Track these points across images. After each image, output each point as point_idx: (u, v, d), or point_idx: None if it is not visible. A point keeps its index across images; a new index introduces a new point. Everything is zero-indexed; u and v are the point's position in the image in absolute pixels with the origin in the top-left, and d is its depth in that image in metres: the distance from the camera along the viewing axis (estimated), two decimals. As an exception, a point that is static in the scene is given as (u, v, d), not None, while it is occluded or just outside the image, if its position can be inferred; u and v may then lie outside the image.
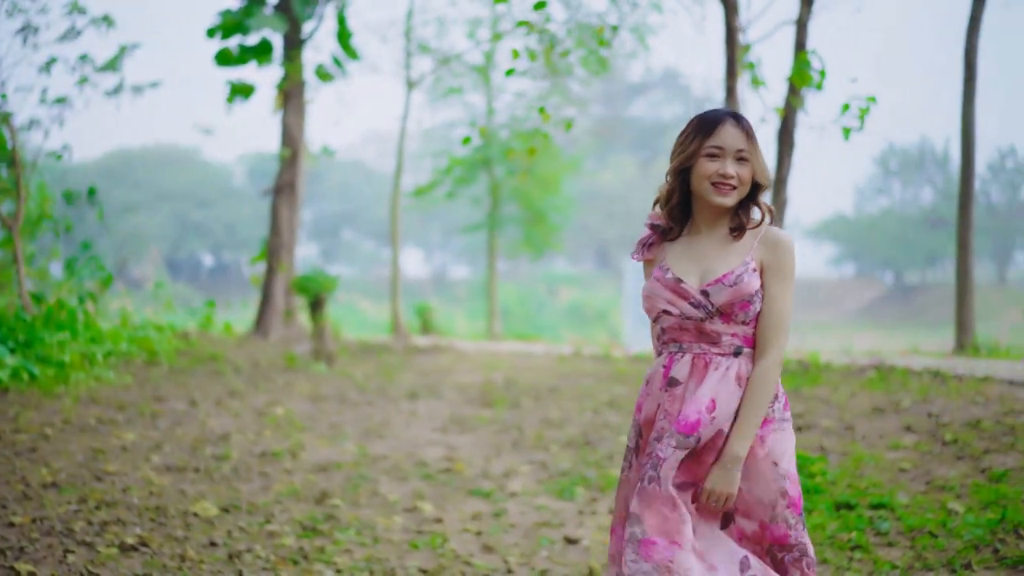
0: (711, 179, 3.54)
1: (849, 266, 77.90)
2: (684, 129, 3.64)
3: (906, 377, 12.54)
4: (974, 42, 18.40)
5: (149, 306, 15.76)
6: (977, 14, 18.10)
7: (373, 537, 6.46)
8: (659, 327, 3.63)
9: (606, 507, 7.44)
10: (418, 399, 11.25)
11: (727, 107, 13.52)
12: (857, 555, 6.20)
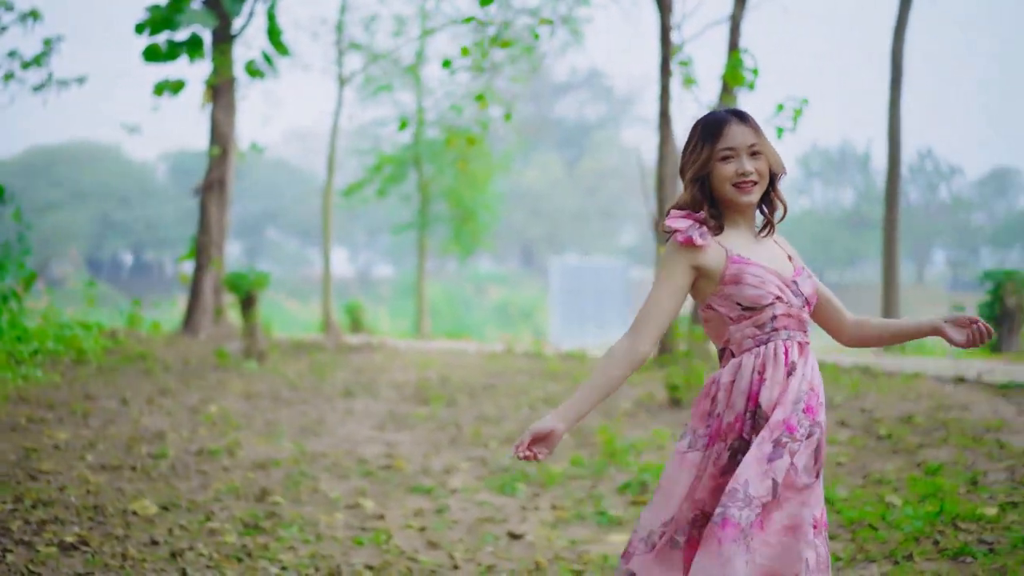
0: (732, 180, 3.53)
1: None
2: (690, 138, 3.60)
3: (836, 374, 12.67)
4: (900, 43, 18.70)
5: (71, 305, 15.50)
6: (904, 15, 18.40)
7: (316, 534, 6.41)
8: (767, 315, 3.54)
9: (548, 503, 7.44)
10: (353, 397, 11.19)
11: (660, 105, 13.64)
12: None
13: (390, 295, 50.71)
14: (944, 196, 73.65)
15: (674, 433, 9.57)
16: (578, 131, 73.16)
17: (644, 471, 8.10)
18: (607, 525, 6.94)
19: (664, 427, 9.82)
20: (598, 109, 75.82)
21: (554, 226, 66.93)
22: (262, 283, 13.15)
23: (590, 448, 9.02)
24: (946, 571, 5.55)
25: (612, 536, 6.67)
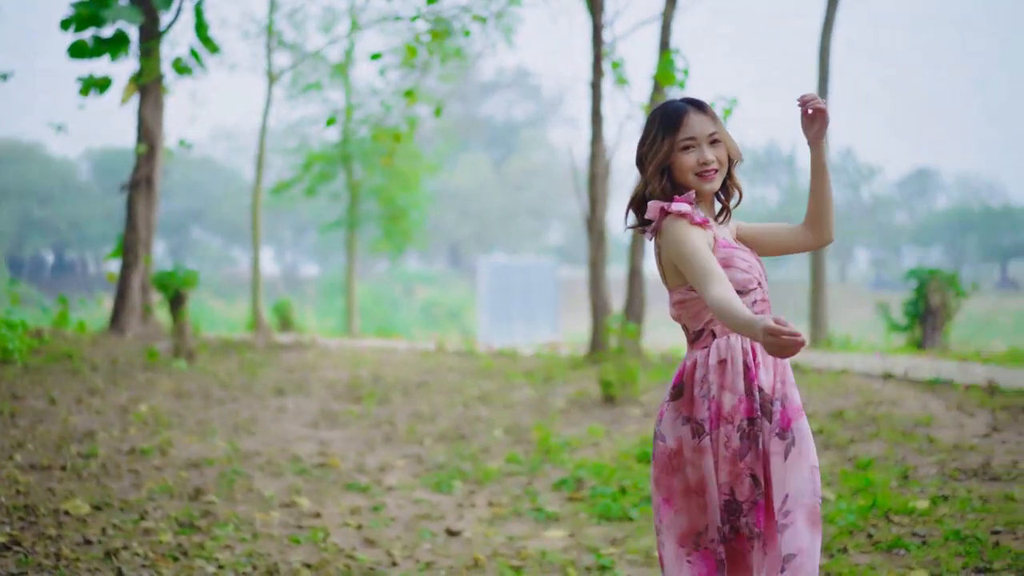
0: (695, 170, 3.56)
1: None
2: (647, 129, 3.62)
3: (766, 369, 12.83)
4: (827, 42, 18.92)
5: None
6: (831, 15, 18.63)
7: (252, 533, 6.36)
8: (750, 299, 3.54)
9: (485, 500, 7.44)
10: (285, 395, 11.11)
11: (592, 104, 13.69)
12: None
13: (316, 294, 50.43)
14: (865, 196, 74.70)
15: (609, 430, 9.62)
16: (506, 131, 73.27)
17: (579, 468, 8.13)
18: (544, 521, 6.95)
19: (598, 424, 9.85)
20: (526, 108, 75.94)
21: (482, 226, 66.97)
22: (191, 282, 13.02)
23: (525, 445, 9.03)
24: (880, 563, 5.63)
25: (549, 532, 6.69)
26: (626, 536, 6.57)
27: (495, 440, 9.23)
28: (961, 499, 6.87)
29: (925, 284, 16.97)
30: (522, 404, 10.92)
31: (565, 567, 5.96)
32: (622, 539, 6.51)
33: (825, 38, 18.86)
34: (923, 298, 16.93)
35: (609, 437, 9.32)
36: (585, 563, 6.04)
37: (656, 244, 3.62)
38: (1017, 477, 7.40)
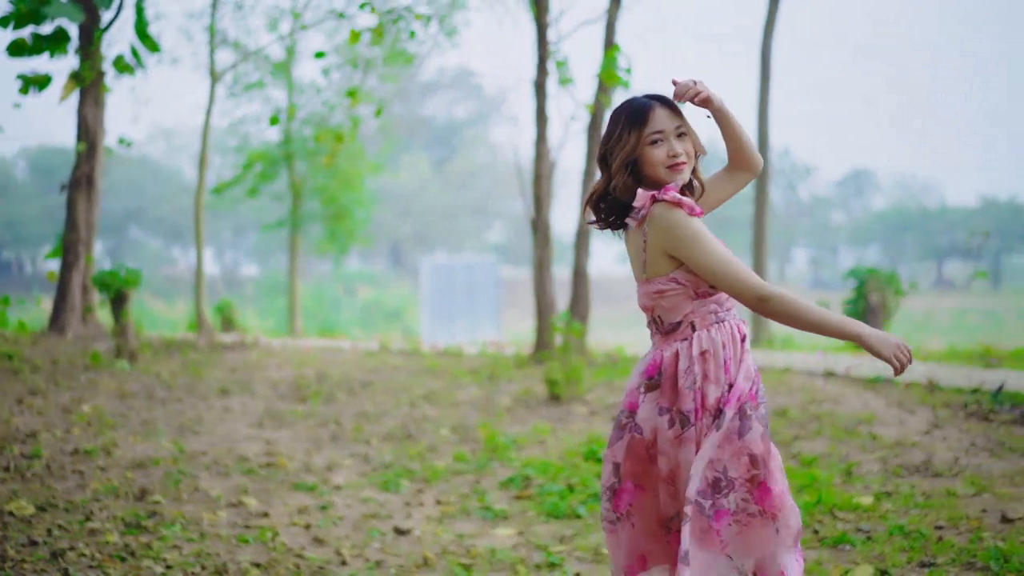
0: (666, 163, 3.60)
1: (638, 264, 79.60)
2: (612, 126, 3.63)
3: (710, 368, 12.93)
4: (769, 43, 19.08)
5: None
6: (772, 15, 18.77)
7: (200, 533, 6.32)
8: (725, 295, 3.61)
9: (433, 498, 7.44)
10: (230, 395, 11.04)
11: (537, 104, 13.72)
12: (684, 538, 6.35)
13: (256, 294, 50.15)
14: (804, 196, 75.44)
15: (555, 428, 9.65)
16: (447, 130, 73.21)
17: (527, 466, 8.16)
18: (492, 519, 6.96)
19: (544, 422, 9.89)
20: (467, 108, 75.93)
21: (423, 225, 66.88)
22: (134, 281, 12.91)
23: (472, 444, 9.05)
24: (826, 559, 5.70)
25: (498, 530, 6.70)
26: (575, 534, 6.60)
27: (442, 439, 9.24)
28: (904, 495, 6.97)
29: (865, 283, 17.19)
30: (468, 403, 10.94)
31: (515, 565, 5.97)
32: (571, 537, 6.54)
33: (767, 37, 19.02)
34: (863, 297, 17.15)
35: (555, 435, 9.36)
36: (535, 561, 6.06)
37: (641, 232, 3.60)
38: (959, 473, 7.52)
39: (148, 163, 66.19)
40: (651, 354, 3.67)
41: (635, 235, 3.63)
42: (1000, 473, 7.44)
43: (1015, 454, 8.01)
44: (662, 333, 3.65)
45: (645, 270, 3.62)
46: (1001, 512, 6.43)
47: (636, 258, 3.67)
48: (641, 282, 3.66)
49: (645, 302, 3.67)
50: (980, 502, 6.73)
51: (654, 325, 3.69)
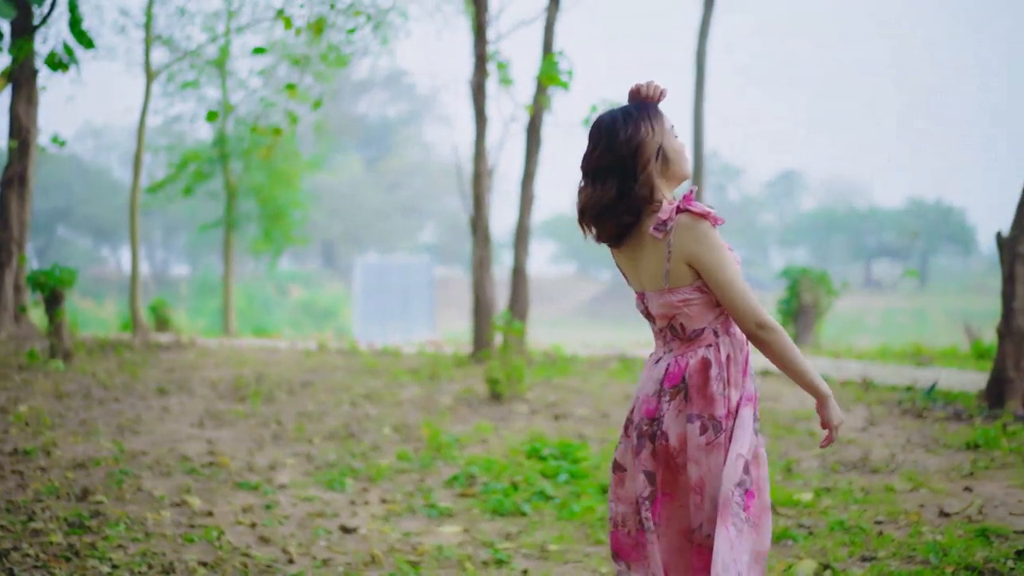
0: (683, 154, 3.67)
1: (570, 264, 79.95)
2: (629, 126, 3.57)
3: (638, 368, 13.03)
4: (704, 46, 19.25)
5: None
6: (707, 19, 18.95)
7: (144, 532, 6.28)
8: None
9: (378, 497, 7.45)
10: (168, 395, 10.96)
11: (476, 104, 13.74)
12: (629, 534, 6.41)
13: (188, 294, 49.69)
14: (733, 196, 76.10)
15: (497, 427, 9.69)
16: (380, 129, 72.97)
17: (470, 464, 8.19)
18: (438, 517, 6.99)
19: (486, 421, 9.93)
20: (399, 108, 75.72)
21: (355, 225, 66.62)
22: (69, 280, 12.75)
23: (415, 443, 9.06)
24: (770, 554, 5.78)
25: (444, 528, 6.73)
26: (520, 531, 6.65)
27: (384, 438, 9.24)
28: (843, 491, 7.09)
29: (797, 283, 17.40)
30: (409, 402, 10.95)
31: (462, 562, 6.01)
32: (516, 534, 6.59)
33: (702, 40, 19.20)
34: (796, 297, 17.36)
35: (498, 434, 9.41)
36: (482, 558, 6.10)
37: (666, 243, 3.52)
38: (895, 469, 7.66)
39: (76, 162, 65.32)
40: (667, 361, 3.63)
41: (655, 245, 3.56)
42: (936, 469, 7.59)
43: (949, 450, 8.17)
44: (682, 340, 3.61)
45: (668, 280, 3.55)
46: (938, 507, 6.57)
47: (654, 268, 3.59)
48: (662, 291, 3.58)
49: (665, 311, 3.60)
50: (917, 497, 6.87)
51: (670, 332, 3.63)
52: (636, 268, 3.66)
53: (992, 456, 7.80)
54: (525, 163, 14.06)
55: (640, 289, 3.68)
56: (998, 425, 8.73)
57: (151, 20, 15.71)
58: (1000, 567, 5.34)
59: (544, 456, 8.29)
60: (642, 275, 3.63)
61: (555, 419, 10.09)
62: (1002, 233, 9.75)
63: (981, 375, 12.44)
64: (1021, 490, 6.83)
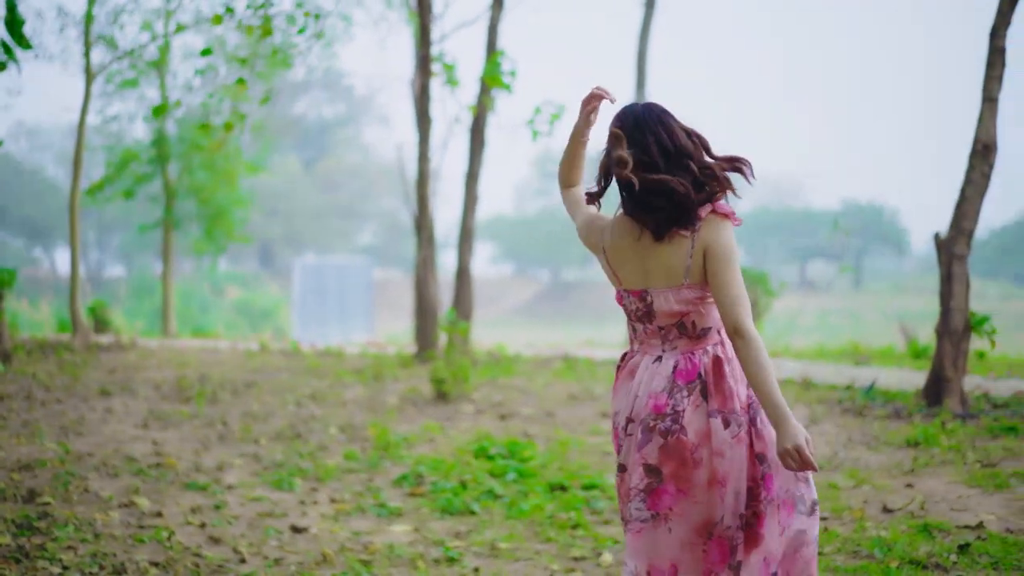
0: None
1: (509, 264, 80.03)
2: (674, 121, 3.65)
3: (592, 367, 13.12)
4: (645, 49, 19.38)
5: None
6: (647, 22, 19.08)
7: (94, 533, 6.25)
8: None
9: (327, 496, 7.46)
10: (111, 396, 10.89)
11: (420, 105, 13.75)
12: (579, 533, 6.49)
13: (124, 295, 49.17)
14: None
15: (444, 426, 9.73)
16: (317, 131, 72.61)
17: (419, 464, 8.23)
18: (388, 517, 7.02)
19: (433, 420, 9.97)
20: (336, 109, 75.39)
21: (293, 226, 66.25)
22: (8, 281, 12.62)
23: (362, 442, 9.08)
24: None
25: (394, 527, 6.76)
26: (470, 530, 6.69)
27: (331, 438, 9.25)
28: (788, 487, 7.18)
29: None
30: (354, 402, 10.95)
31: (414, 560, 6.04)
32: (466, 532, 6.63)
33: (643, 43, 19.33)
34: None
35: (445, 433, 9.44)
36: (433, 556, 6.13)
37: (691, 239, 3.58)
38: (838, 467, 7.79)
39: (9, 162, 64.40)
40: (674, 358, 3.67)
41: (678, 241, 3.60)
42: (877, 466, 7.73)
43: (890, 448, 8.32)
44: (690, 338, 3.66)
45: (688, 275, 3.59)
46: (881, 503, 6.69)
47: (673, 263, 3.61)
48: (679, 287, 3.62)
49: (679, 307, 3.63)
50: (861, 494, 7.00)
51: (677, 330, 3.67)
52: (644, 264, 3.66)
53: (932, 453, 7.95)
54: (469, 164, 14.09)
55: (642, 286, 3.68)
56: (937, 423, 8.89)
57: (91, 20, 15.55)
58: (943, 561, 5.46)
59: (492, 455, 8.34)
60: (653, 271, 3.65)
61: (501, 418, 10.14)
62: (940, 234, 9.93)
63: (918, 374, 12.65)
64: (961, 486, 6.98)
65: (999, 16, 9.80)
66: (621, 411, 3.75)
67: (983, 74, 9.87)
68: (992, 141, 9.75)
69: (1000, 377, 12.37)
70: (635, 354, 3.77)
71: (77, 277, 15.60)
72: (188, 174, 21.87)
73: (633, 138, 3.62)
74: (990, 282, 58.76)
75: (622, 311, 3.84)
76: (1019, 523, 6.08)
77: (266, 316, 46.61)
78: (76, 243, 15.89)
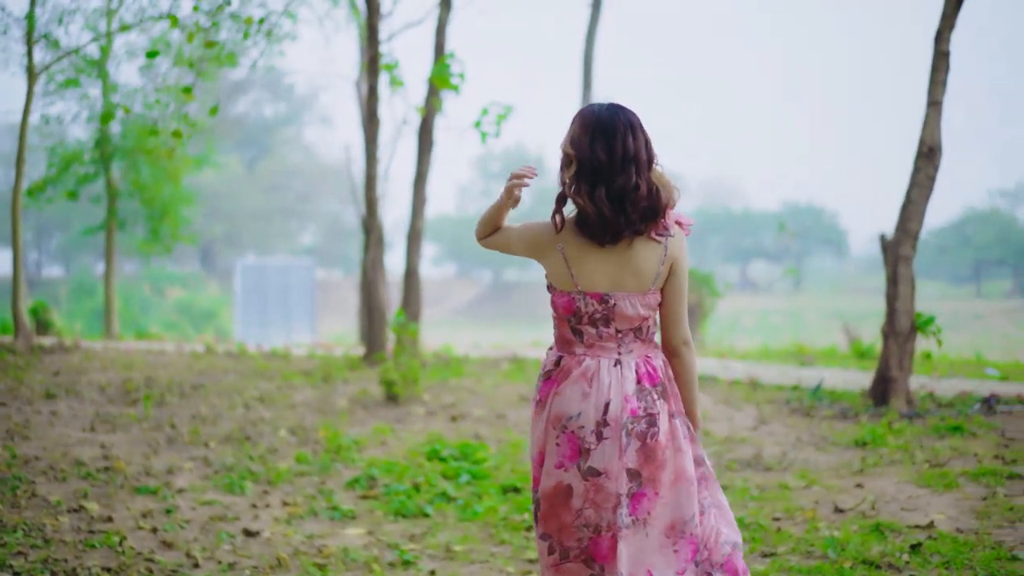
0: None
1: (451, 265, 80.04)
2: (640, 132, 3.66)
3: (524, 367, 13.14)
4: (591, 50, 19.44)
5: None
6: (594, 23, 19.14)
7: (44, 538, 6.18)
8: None
9: (279, 500, 7.41)
10: (57, 399, 10.74)
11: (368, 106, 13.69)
12: (533, 535, 6.49)
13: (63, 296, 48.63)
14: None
15: (395, 429, 9.71)
16: (259, 130, 72.15)
17: (371, 466, 8.20)
18: (341, 520, 6.99)
19: (384, 423, 9.94)
20: (276, 108, 74.94)
21: (234, 226, 65.82)
22: (-51, 281, 12.46)
23: (313, 445, 9.03)
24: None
25: (348, 530, 6.74)
26: (424, 532, 6.68)
27: (281, 440, 9.19)
28: (740, 488, 7.26)
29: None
30: (304, 404, 10.89)
31: (369, 563, 6.02)
32: (421, 535, 6.62)
33: (589, 45, 19.40)
34: (681, 298, 17.59)
35: (396, 436, 9.42)
36: (388, 559, 6.12)
37: (662, 247, 3.69)
38: (788, 467, 7.86)
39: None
40: (633, 361, 3.72)
41: (650, 248, 3.67)
42: (827, 466, 7.81)
43: (839, 448, 8.41)
44: (643, 342, 3.75)
45: (655, 281, 3.69)
46: (833, 503, 6.76)
47: (644, 269, 3.68)
48: (646, 292, 3.69)
49: (644, 312, 3.71)
50: (812, 494, 7.06)
51: (634, 335, 3.74)
52: (609, 267, 3.67)
53: (880, 453, 8.05)
54: (417, 165, 14.04)
55: (605, 290, 3.68)
56: (884, 423, 9.00)
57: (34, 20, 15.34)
58: (896, 561, 5.52)
59: (444, 457, 8.33)
60: (620, 275, 3.67)
61: (452, 420, 10.13)
62: (885, 236, 10.04)
63: (863, 374, 12.80)
64: (911, 486, 7.06)
65: (943, 20, 9.93)
66: (582, 414, 3.67)
67: (928, 78, 9.99)
68: (937, 144, 9.88)
69: (943, 377, 12.53)
70: (581, 357, 3.72)
71: (20, 278, 15.39)
72: (133, 171, 21.62)
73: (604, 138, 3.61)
74: (928, 282, 59.52)
75: (558, 311, 3.80)
76: (969, 523, 6.17)
77: (207, 317, 46.27)
78: (19, 244, 15.68)
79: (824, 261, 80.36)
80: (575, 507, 3.68)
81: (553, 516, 3.72)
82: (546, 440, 3.75)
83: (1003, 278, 72.22)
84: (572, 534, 3.69)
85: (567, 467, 3.68)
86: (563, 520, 3.70)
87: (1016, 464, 7.54)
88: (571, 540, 3.70)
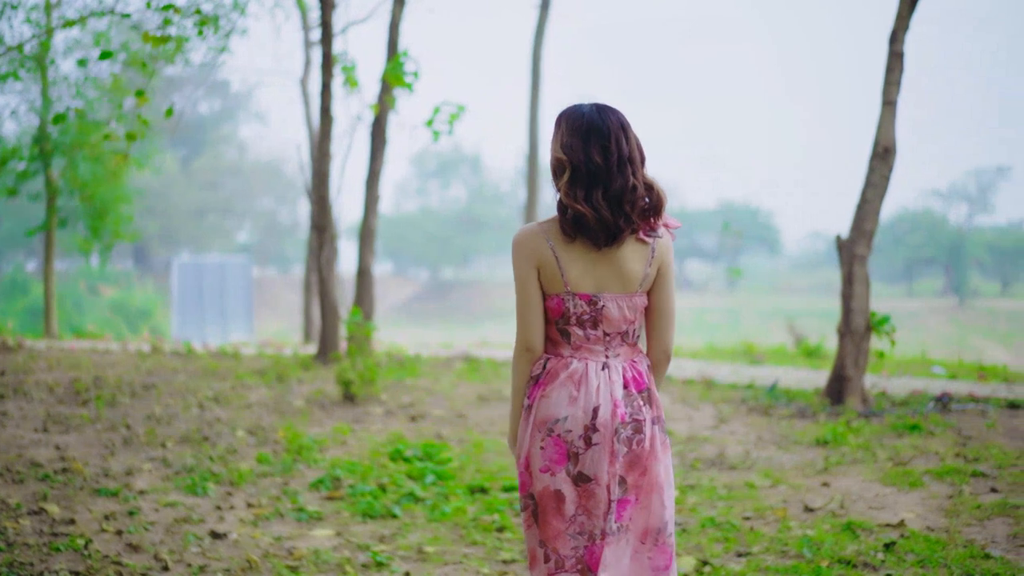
0: None
1: (387, 263, 79.87)
2: (630, 132, 3.61)
3: (495, 367, 13.11)
4: (539, 49, 19.44)
5: None
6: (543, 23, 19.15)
7: (6, 542, 6.06)
8: None
9: (243, 501, 7.33)
10: (5, 399, 10.55)
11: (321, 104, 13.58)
12: (505, 535, 6.48)
13: (-3, 294, 47.90)
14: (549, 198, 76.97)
15: (355, 428, 9.64)
16: (193, 127, 71.50)
17: (335, 466, 8.13)
18: (308, 521, 6.92)
19: (343, 422, 9.87)
20: (211, 105, 74.31)
21: (168, 224, 65.21)
22: None
23: (272, 445, 8.94)
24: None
25: (316, 531, 6.67)
26: (394, 533, 6.63)
27: (240, 441, 9.09)
28: (707, 488, 7.28)
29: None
30: (259, 404, 10.78)
31: (342, 565, 5.97)
32: (390, 536, 6.57)
33: (538, 45, 19.41)
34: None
35: (356, 436, 9.35)
36: (361, 561, 6.06)
37: (650, 249, 3.65)
38: (752, 466, 7.90)
39: None
40: (619, 365, 3.67)
41: (639, 249, 3.63)
42: (791, 465, 7.86)
43: (801, 446, 8.47)
44: (629, 345, 3.71)
45: (642, 283, 3.65)
46: (802, 502, 6.80)
47: (634, 270, 3.64)
48: (633, 294, 3.66)
49: (630, 315, 3.67)
50: (779, 493, 7.10)
51: (621, 338, 3.69)
52: (597, 268, 3.63)
53: (842, 452, 8.11)
54: (370, 163, 13.93)
55: (593, 291, 3.64)
56: (842, 422, 9.08)
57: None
58: (872, 560, 5.56)
59: (408, 457, 8.28)
60: (608, 276, 3.63)
61: (412, 420, 10.08)
62: (841, 236, 10.12)
63: (814, 373, 12.91)
64: (877, 484, 7.12)
65: (898, 20, 10.02)
66: (569, 418, 3.61)
67: (882, 78, 10.08)
68: (892, 144, 9.97)
69: (892, 375, 12.67)
70: (567, 359, 3.67)
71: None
72: (72, 169, 21.29)
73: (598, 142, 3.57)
74: (862, 282, 60.05)
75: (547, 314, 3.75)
76: (939, 521, 6.23)
77: (143, 315, 45.79)
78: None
79: (758, 259, 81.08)
80: (567, 513, 3.63)
81: (545, 522, 3.68)
82: (531, 444, 3.68)
83: (933, 277, 73.37)
84: (567, 542, 3.65)
85: (554, 471, 3.63)
86: (556, 527, 3.66)
87: (978, 462, 7.63)
88: (566, 548, 3.65)
